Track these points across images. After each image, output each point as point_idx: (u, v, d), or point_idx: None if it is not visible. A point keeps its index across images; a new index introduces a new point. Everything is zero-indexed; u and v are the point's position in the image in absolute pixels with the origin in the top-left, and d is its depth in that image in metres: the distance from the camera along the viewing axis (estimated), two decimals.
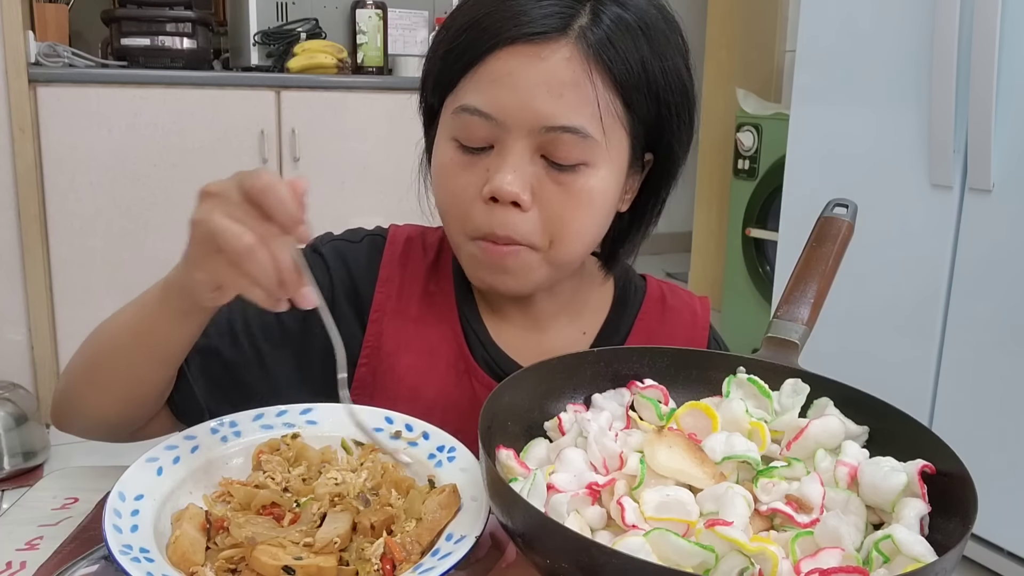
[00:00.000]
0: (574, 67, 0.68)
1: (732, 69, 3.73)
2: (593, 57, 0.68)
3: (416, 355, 0.80)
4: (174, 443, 0.64)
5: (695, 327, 0.87)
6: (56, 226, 2.49)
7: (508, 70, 0.68)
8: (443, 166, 0.73)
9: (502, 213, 0.70)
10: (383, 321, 0.81)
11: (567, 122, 0.68)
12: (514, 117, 0.68)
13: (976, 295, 1.83)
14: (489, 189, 0.69)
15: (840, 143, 2.12)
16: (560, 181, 0.70)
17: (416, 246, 0.84)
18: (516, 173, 0.69)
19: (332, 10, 2.89)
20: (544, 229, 0.71)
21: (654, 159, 0.77)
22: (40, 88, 2.40)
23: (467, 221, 0.72)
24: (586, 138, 0.69)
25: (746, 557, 0.48)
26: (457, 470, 0.64)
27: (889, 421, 0.60)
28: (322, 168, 2.73)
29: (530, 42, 0.67)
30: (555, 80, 0.67)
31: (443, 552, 0.55)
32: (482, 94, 0.69)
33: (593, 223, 0.74)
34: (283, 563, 0.53)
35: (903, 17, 1.91)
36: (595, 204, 0.72)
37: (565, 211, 0.71)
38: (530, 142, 0.69)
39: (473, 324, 0.81)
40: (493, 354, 0.81)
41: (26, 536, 0.66)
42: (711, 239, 3.90)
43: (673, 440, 0.57)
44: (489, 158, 0.71)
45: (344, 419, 0.69)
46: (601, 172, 0.71)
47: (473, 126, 0.70)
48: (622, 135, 0.72)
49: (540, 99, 0.67)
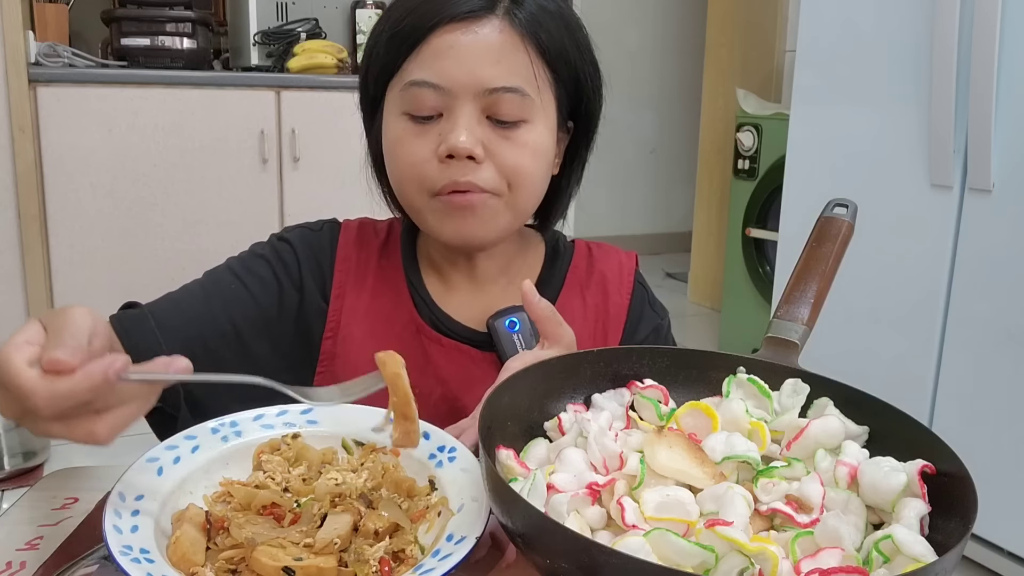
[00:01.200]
0: (506, 37, 0.78)
1: (732, 69, 3.73)
2: (522, 30, 0.78)
3: (371, 323, 0.88)
4: (174, 443, 0.64)
5: (621, 275, 0.95)
6: (56, 226, 2.49)
7: (449, 44, 0.77)
8: (397, 138, 0.81)
9: (459, 166, 0.78)
10: (344, 296, 0.88)
11: (507, 83, 0.77)
12: (460, 84, 0.77)
13: (976, 295, 1.83)
14: (446, 147, 0.77)
15: (840, 143, 2.12)
16: (506, 136, 0.79)
17: (368, 230, 0.93)
18: (468, 131, 0.77)
19: (332, 10, 2.89)
20: (500, 177, 0.80)
21: (575, 126, 0.87)
22: (40, 88, 2.41)
23: (426, 181, 0.80)
24: (524, 96, 0.78)
25: (746, 557, 0.48)
26: (458, 470, 0.64)
27: (889, 421, 0.60)
28: (322, 168, 2.73)
29: (464, 19, 0.77)
30: (492, 48, 0.77)
31: (443, 553, 0.55)
32: (428, 68, 0.78)
33: (539, 172, 0.83)
34: (283, 564, 0.53)
35: (903, 17, 1.91)
36: (538, 154, 0.81)
37: (517, 160, 0.80)
38: (476, 105, 0.78)
39: (420, 292, 0.90)
40: (438, 315, 0.89)
41: (26, 536, 0.66)
42: (711, 239, 3.90)
43: (673, 440, 0.57)
44: (439, 124, 0.79)
45: (345, 419, 0.69)
46: (539, 127, 0.80)
47: (423, 97, 0.78)
48: (550, 98, 0.82)
49: (481, 66, 0.77)
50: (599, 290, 0.94)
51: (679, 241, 4.60)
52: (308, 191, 2.75)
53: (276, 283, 0.87)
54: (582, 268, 0.95)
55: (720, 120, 3.79)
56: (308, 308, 0.87)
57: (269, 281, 0.87)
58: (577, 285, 0.93)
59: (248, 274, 0.87)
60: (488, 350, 0.87)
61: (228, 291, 0.85)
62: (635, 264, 0.97)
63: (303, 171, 2.73)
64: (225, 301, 0.84)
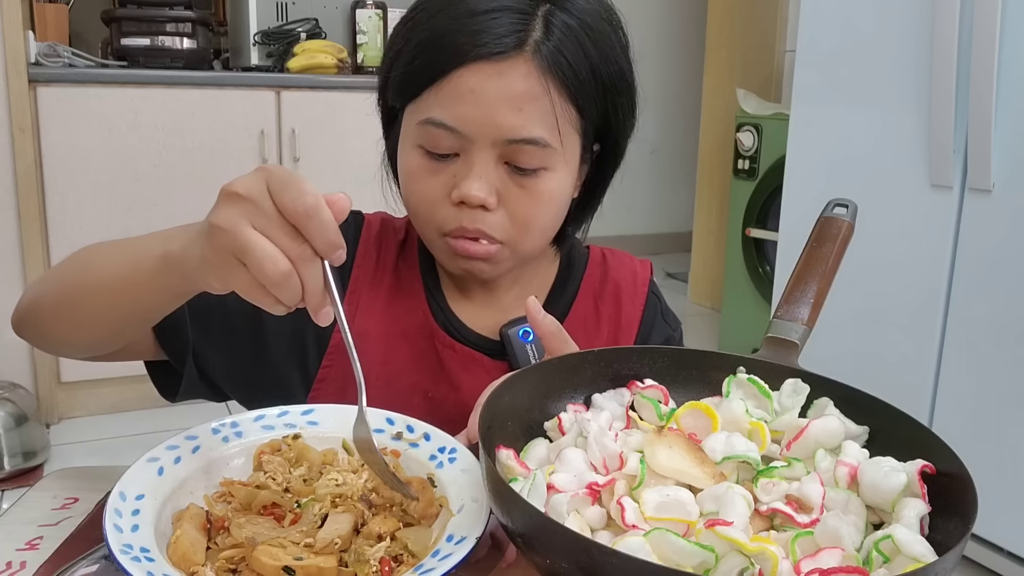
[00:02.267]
0: (531, 82, 0.73)
1: (732, 69, 3.73)
2: (548, 70, 0.74)
3: (387, 323, 0.87)
4: (175, 443, 0.64)
5: (635, 284, 0.94)
6: (56, 226, 2.49)
7: (471, 87, 0.73)
8: (411, 172, 0.79)
9: (470, 213, 0.77)
10: (360, 293, 0.87)
11: (528, 134, 0.74)
12: (479, 131, 0.74)
13: (976, 295, 1.83)
14: (457, 195, 0.76)
15: (840, 143, 2.12)
16: (522, 184, 0.77)
17: (388, 228, 0.92)
18: (482, 180, 0.75)
19: (332, 10, 2.89)
20: (511, 225, 0.78)
21: (601, 148, 0.84)
22: (40, 88, 2.40)
23: (437, 220, 0.78)
24: (545, 147, 0.75)
25: (746, 557, 0.48)
26: (458, 471, 0.64)
27: (889, 421, 0.60)
28: (322, 168, 2.73)
29: (490, 60, 0.73)
30: (515, 95, 0.73)
31: (443, 553, 0.55)
32: (447, 109, 0.74)
33: (553, 219, 0.81)
34: (283, 563, 0.53)
35: (903, 17, 1.91)
36: (554, 202, 0.79)
37: (529, 210, 0.78)
38: (494, 152, 0.75)
39: (436, 296, 0.89)
40: (452, 321, 0.88)
41: (26, 536, 0.66)
42: (711, 239, 3.90)
43: (673, 440, 0.57)
44: (455, 165, 0.76)
45: (346, 421, 0.69)
46: (559, 174, 0.78)
47: (439, 137, 0.75)
48: (575, 138, 0.78)
49: (502, 114, 0.73)
50: (612, 299, 0.92)
51: (679, 241, 4.61)
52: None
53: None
54: (596, 277, 0.93)
55: (720, 120, 3.79)
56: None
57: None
58: (591, 294, 0.92)
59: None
60: (501, 359, 0.86)
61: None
62: (650, 273, 0.96)
63: (303, 171, 2.73)
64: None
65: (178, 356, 0.79)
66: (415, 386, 0.85)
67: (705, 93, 3.92)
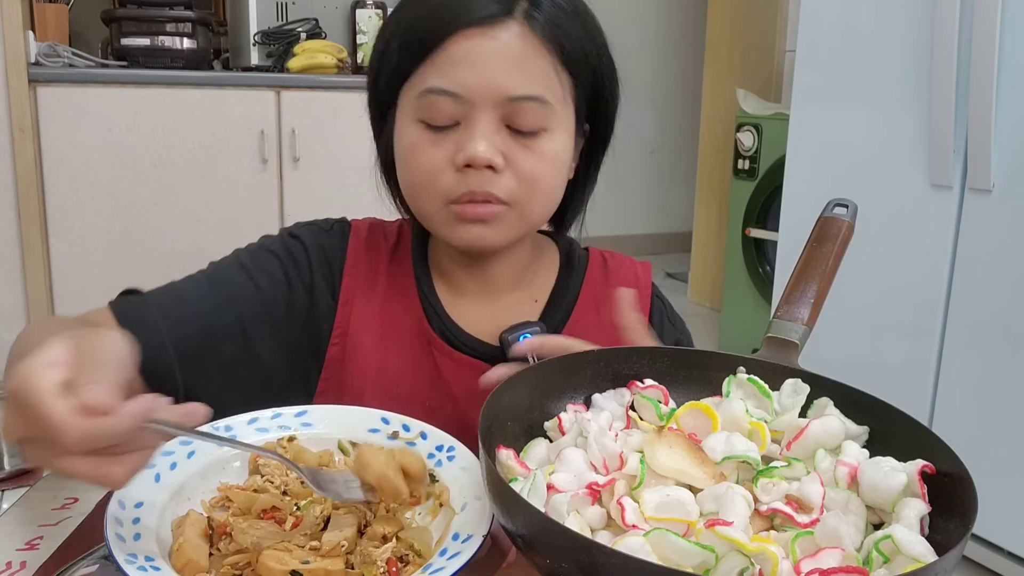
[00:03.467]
0: (526, 43, 0.75)
1: (732, 69, 3.73)
2: (541, 35, 0.75)
3: (382, 331, 0.86)
4: (170, 449, 0.64)
5: (638, 287, 0.91)
6: (56, 226, 2.49)
7: (466, 51, 0.74)
8: (412, 145, 0.78)
9: (477, 175, 0.76)
10: (352, 302, 0.86)
11: (528, 92, 0.75)
12: (479, 92, 0.74)
13: (976, 295, 1.83)
14: (464, 157, 0.75)
15: (840, 143, 2.12)
16: (526, 145, 0.77)
17: (378, 233, 0.90)
18: (487, 140, 0.75)
19: (332, 10, 2.89)
20: (518, 186, 0.77)
21: (591, 128, 0.85)
22: (40, 88, 2.41)
23: (442, 188, 0.77)
24: (545, 105, 0.76)
25: (746, 557, 0.48)
26: (458, 469, 0.64)
27: (889, 421, 0.60)
28: (322, 168, 2.73)
29: (481, 25, 0.74)
30: (512, 55, 0.74)
31: (451, 552, 0.54)
32: (445, 76, 0.75)
33: (556, 180, 0.81)
34: (291, 567, 0.53)
35: (903, 17, 1.91)
36: (557, 163, 0.79)
37: (535, 169, 0.77)
38: (495, 113, 0.75)
39: (431, 301, 0.87)
40: (449, 327, 0.86)
41: (26, 536, 0.66)
42: (711, 239, 3.90)
43: (673, 440, 0.57)
44: (457, 133, 0.76)
45: (340, 421, 0.69)
46: (559, 135, 0.78)
47: (440, 105, 0.75)
48: (570, 104, 0.79)
49: (501, 73, 0.74)
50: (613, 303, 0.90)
51: (679, 241, 4.60)
52: (308, 191, 2.75)
53: (286, 282, 0.84)
54: (597, 280, 0.92)
55: (720, 120, 3.79)
56: (317, 311, 0.85)
57: (279, 279, 0.84)
58: (592, 298, 0.90)
59: (257, 269, 0.84)
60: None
61: (235, 285, 0.82)
62: (651, 276, 0.95)
63: (303, 171, 2.73)
64: (232, 295, 0.82)
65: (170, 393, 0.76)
66: (413, 395, 0.84)
67: (705, 93, 3.92)
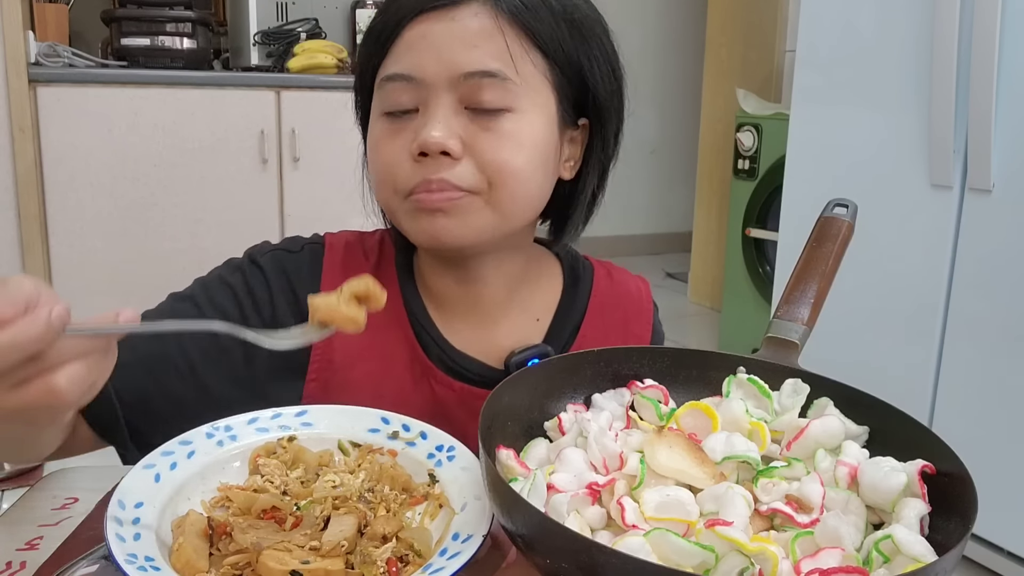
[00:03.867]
0: (483, 20, 0.71)
1: (732, 69, 3.73)
2: (505, 12, 0.71)
3: (371, 362, 0.79)
4: (170, 449, 0.64)
5: (641, 305, 0.89)
6: (56, 226, 2.49)
7: (421, 34, 0.71)
8: (375, 140, 0.75)
9: (433, 163, 0.71)
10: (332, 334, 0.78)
11: (483, 66, 0.70)
12: (433, 73, 0.70)
13: (976, 295, 1.83)
14: (417, 144, 0.70)
15: (840, 143, 2.12)
16: (487, 127, 0.71)
17: (356, 251, 0.83)
18: (442, 124, 0.70)
19: (332, 10, 2.89)
20: (479, 174, 0.71)
21: (590, 125, 0.79)
22: (40, 88, 2.41)
23: (399, 181, 0.73)
24: (504, 80, 0.70)
25: (746, 557, 0.48)
26: (458, 469, 0.64)
27: (889, 421, 0.60)
28: (322, 168, 2.73)
29: (441, 8, 0.71)
30: (467, 33, 0.70)
31: (451, 552, 0.54)
32: (401, 60, 0.72)
33: (527, 167, 0.73)
34: (291, 567, 0.52)
35: (903, 17, 1.91)
36: (526, 146, 0.72)
37: (498, 154, 0.71)
38: (453, 95, 0.71)
39: (423, 323, 0.80)
40: (447, 351, 0.80)
41: (26, 536, 0.66)
42: (711, 239, 3.90)
43: (673, 440, 0.57)
44: (416, 120, 0.72)
45: (340, 422, 0.69)
46: (528, 116, 0.72)
47: (397, 91, 0.72)
48: (545, 86, 0.73)
49: (455, 51, 0.70)
50: (620, 320, 0.86)
51: (679, 241, 4.60)
52: (308, 191, 2.75)
53: (240, 319, 0.76)
54: (603, 294, 0.87)
55: (720, 120, 3.79)
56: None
57: (233, 317, 0.76)
58: (600, 315, 0.86)
59: (210, 306, 0.76)
60: None
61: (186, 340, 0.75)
62: (650, 293, 0.91)
63: (303, 171, 2.73)
64: (181, 340, 0.74)
65: (119, 442, 0.74)
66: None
67: (705, 93, 3.92)
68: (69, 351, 0.49)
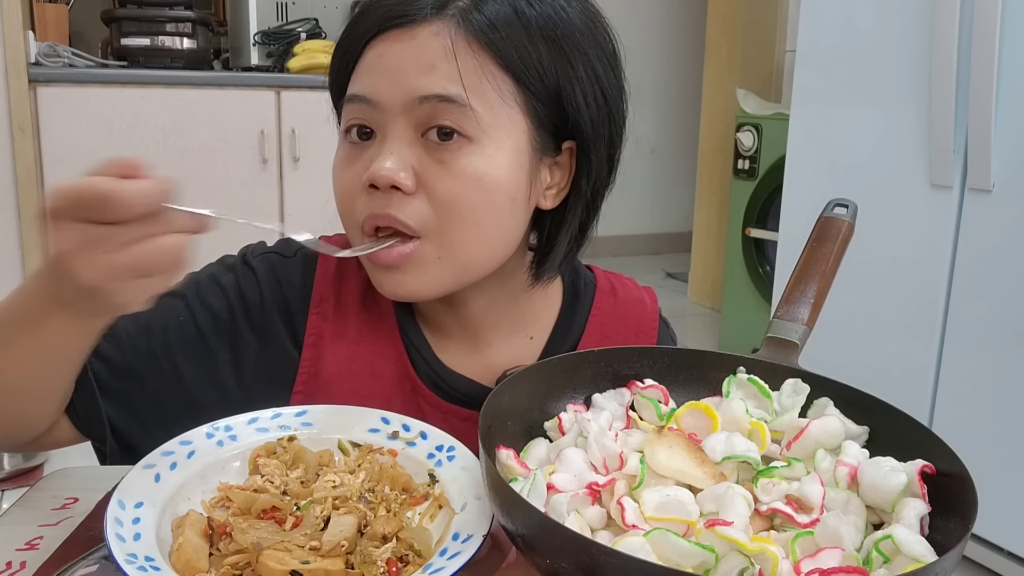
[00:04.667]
0: (444, 41, 0.66)
1: (732, 69, 3.73)
2: (471, 33, 0.66)
3: (358, 379, 0.77)
4: (170, 449, 0.64)
5: (645, 318, 0.84)
6: None
7: (380, 54, 0.67)
8: (335, 164, 0.72)
9: (383, 198, 0.67)
10: (320, 346, 0.76)
11: (440, 90, 0.65)
12: (388, 96, 0.66)
13: (976, 295, 1.83)
14: (367, 176, 0.67)
15: (840, 143, 2.12)
16: (442, 160, 0.66)
17: (349, 260, 0.78)
18: (395, 155, 0.66)
19: (332, 10, 2.89)
20: (431, 213, 0.67)
21: (576, 149, 0.72)
22: (40, 88, 2.41)
23: (355, 213, 0.69)
24: (462, 107, 0.65)
25: (746, 557, 0.48)
26: (458, 469, 0.64)
27: (889, 421, 0.60)
28: (322, 168, 2.72)
29: (403, 27, 0.67)
30: (425, 55, 0.66)
31: (451, 552, 0.54)
32: (359, 82, 0.69)
33: (486, 209, 0.68)
34: (291, 567, 0.52)
35: (903, 17, 1.91)
36: (484, 185, 0.67)
37: (451, 192, 0.66)
38: (408, 121, 0.66)
39: (414, 339, 0.78)
40: (437, 370, 0.77)
41: (26, 536, 0.66)
42: (711, 239, 3.90)
43: (673, 440, 0.57)
44: (372, 148, 0.69)
45: (340, 422, 0.69)
46: (488, 151, 0.67)
47: (354, 113, 0.69)
48: (512, 113, 0.67)
49: (411, 74, 0.66)
50: (620, 342, 0.82)
51: (679, 241, 4.60)
52: (308, 191, 2.75)
53: (230, 321, 0.75)
54: (605, 311, 0.83)
55: (720, 120, 3.79)
56: (270, 355, 0.76)
57: (222, 318, 0.75)
58: (599, 332, 0.82)
59: (200, 305, 0.75)
60: None
61: (173, 324, 0.73)
62: (656, 303, 0.87)
63: (303, 171, 2.73)
64: (168, 338, 0.73)
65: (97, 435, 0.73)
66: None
67: (705, 93, 3.92)
68: (174, 223, 0.52)
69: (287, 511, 0.60)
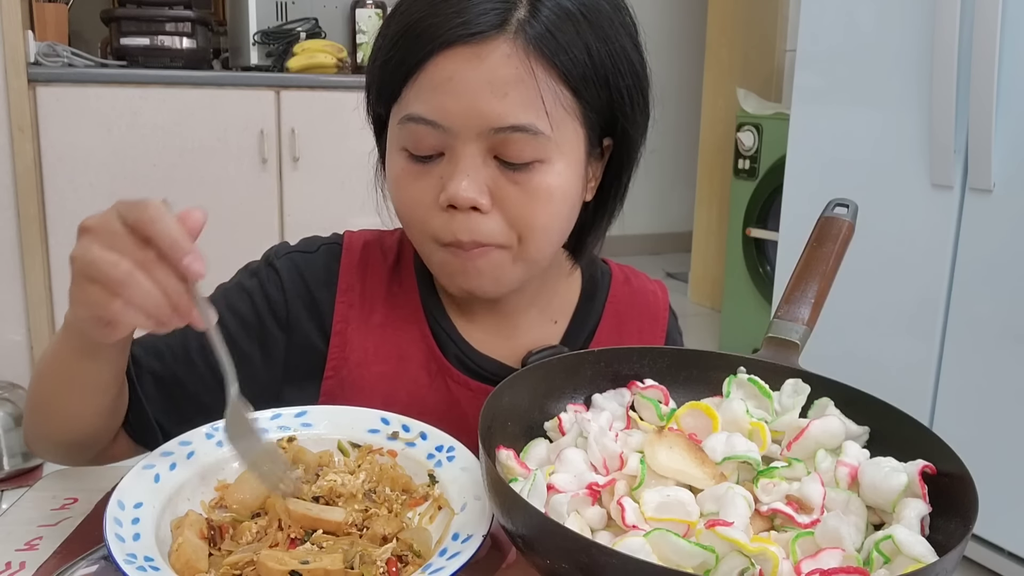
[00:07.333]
0: (515, 63, 0.66)
1: (732, 69, 3.73)
2: (534, 51, 0.66)
3: (385, 362, 0.79)
4: (170, 449, 0.64)
5: (658, 308, 0.88)
6: (56, 226, 2.49)
7: (448, 74, 0.66)
8: (396, 178, 0.72)
9: (463, 219, 0.69)
10: (347, 332, 0.79)
11: (515, 121, 0.66)
12: (461, 122, 0.67)
13: (976, 295, 1.83)
14: (445, 197, 0.68)
15: (840, 143, 2.12)
16: (516, 180, 0.68)
17: (374, 250, 0.82)
18: (471, 178, 0.67)
19: (332, 10, 2.89)
20: (509, 228, 0.70)
21: (613, 144, 0.76)
22: (39, 88, 2.40)
23: (430, 230, 0.71)
24: (536, 135, 0.67)
25: (746, 557, 0.48)
26: (458, 469, 0.64)
27: (890, 421, 0.60)
28: (322, 168, 2.73)
29: (467, 43, 0.66)
30: (497, 79, 0.66)
31: (451, 552, 0.54)
32: (425, 102, 0.67)
33: (557, 218, 0.72)
34: (290, 567, 0.52)
35: (904, 17, 1.91)
36: (555, 200, 0.70)
37: (527, 209, 0.69)
38: (480, 145, 0.67)
39: (441, 322, 0.80)
40: (465, 350, 0.80)
41: (26, 536, 0.66)
42: (711, 239, 3.90)
43: (673, 440, 0.57)
44: (441, 165, 0.69)
45: (340, 422, 0.69)
46: (557, 167, 0.69)
47: (420, 135, 0.68)
48: (575, 126, 0.70)
49: (484, 100, 0.66)
50: (636, 326, 0.86)
51: (679, 241, 4.61)
52: (308, 191, 2.74)
53: (257, 322, 0.77)
54: (620, 299, 0.86)
55: (720, 120, 3.79)
56: (298, 349, 0.78)
57: (250, 321, 0.77)
58: (615, 319, 0.85)
59: (228, 312, 0.77)
60: None
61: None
62: (667, 296, 0.90)
63: (303, 171, 2.73)
64: (202, 343, 0.73)
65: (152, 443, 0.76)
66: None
67: (705, 93, 3.92)
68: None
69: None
